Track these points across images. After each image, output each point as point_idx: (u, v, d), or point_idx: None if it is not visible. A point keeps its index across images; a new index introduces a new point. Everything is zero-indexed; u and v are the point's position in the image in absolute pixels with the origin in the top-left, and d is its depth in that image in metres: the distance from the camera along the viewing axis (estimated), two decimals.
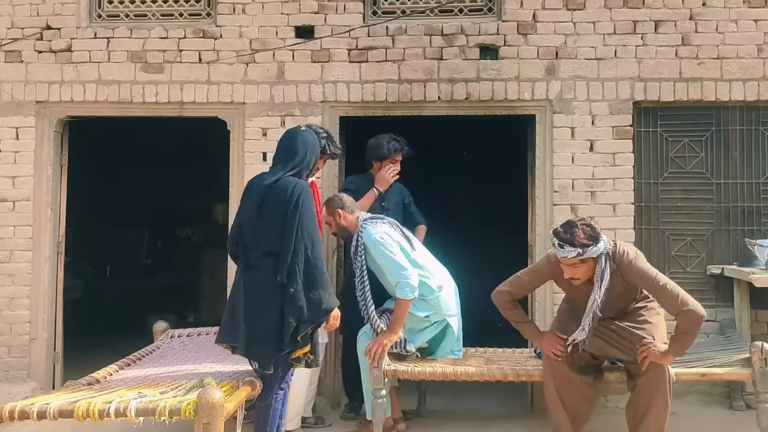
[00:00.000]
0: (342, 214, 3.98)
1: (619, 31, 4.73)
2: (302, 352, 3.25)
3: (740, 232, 4.71)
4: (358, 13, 4.86)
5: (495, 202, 7.01)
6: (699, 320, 3.32)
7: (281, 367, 3.25)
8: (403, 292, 3.77)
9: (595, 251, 3.32)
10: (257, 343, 3.19)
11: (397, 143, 4.46)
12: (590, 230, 3.34)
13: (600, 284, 3.37)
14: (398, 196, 4.64)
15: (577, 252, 3.30)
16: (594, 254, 3.33)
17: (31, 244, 4.86)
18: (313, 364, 3.37)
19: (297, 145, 3.39)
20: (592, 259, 3.37)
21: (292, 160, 3.35)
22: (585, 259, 3.34)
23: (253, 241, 3.27)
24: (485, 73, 4.75)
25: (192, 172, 7.76)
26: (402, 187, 4.70)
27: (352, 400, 4.45)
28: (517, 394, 4.60)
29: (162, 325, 4.49)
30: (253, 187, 3.35)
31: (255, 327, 3.19)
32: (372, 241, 3.84)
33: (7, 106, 4.91)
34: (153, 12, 5.03)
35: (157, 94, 4.87)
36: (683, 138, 4.77)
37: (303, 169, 3.37)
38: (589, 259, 3.35)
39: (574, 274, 3.42)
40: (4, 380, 4.78)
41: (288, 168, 3.32)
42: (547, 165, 4.72)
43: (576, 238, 3.31)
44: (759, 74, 4.68)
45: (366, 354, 3.79)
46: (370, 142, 4.53)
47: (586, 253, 3.31)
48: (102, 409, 2.81)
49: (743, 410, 4.37)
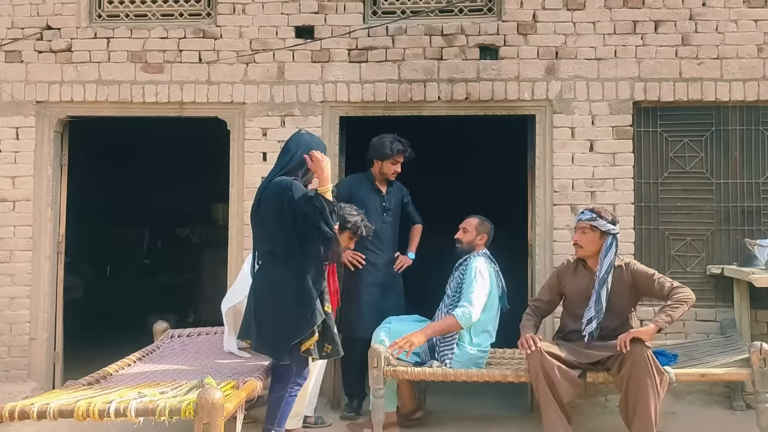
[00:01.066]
0: (483, 240, 4.21)
1: (619, 31, 4.73)
2: (311, 342, 3.33)
3: (740, 232, 4.72)
4: (358, 13, 4.86)
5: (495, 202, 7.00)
6: (690, 296, 3.64)
7: (296, 360, 3.35)
8: (462, 315, 3.88)
9: (604, 224, 3.78)
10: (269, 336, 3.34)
11: (400, 144, 4.47)
12: (609, 215, 3.85)
13: (605, 256, 3.75)
14: (398, 195, 4.66)
15: (590, 216, 3.81)
16: (602, 227, 3.78)
17: (31, 244, 4.87)
18: (334, 353, 3.50)
19: (289, 146, 3.53)
20: (599, 234, 3.79)
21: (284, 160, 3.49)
22: (594, 227, 3.79)
23: (256, 240, 3.51)
24: (485, 73, 4.75)
25: (192, 172, 7.76)
26: (401, 185, 4.71)
27: (351, 400, 4.45)
28: (517, 394, 4.60)
29: (162, 325, 4.49)
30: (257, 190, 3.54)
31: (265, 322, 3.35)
32: (474, 266, 4.02)
33: (7, 106, 4.91)
34: (153, 12, 5.03)
35: (157, 94, 4.87)
36: (683, 138, 4.77)
37: (295, 168, 3.44)
38: (597, 230, 3.79)
39: (580, 240, 3.85)
40: (4, 380, 4.78)
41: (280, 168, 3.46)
42: (547, 165, 4.73)
43: (595, 209, 3.86)
44: (759, 74, 4.68)
45: (391, 346, 3.88)
46: (374, 141, 4.53)
47: (597, 221, 3.78)
48: (102, 409, 2.81)
49: (743, 410, 4.37)
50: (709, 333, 4.58)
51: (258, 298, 3.40)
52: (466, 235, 4.19)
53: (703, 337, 4.56)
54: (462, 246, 4.19)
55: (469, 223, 4.21)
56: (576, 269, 3.94)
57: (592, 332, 3.72)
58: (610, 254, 3.75)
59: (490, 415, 4.44)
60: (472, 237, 4.17)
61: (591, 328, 3.72)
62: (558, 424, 3.62)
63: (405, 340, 3.85)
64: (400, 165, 4.52)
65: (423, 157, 4.73)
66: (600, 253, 3.79)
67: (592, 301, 3.74)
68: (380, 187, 4.56)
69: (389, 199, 4.56)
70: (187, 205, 8.30)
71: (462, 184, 7.52)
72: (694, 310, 4.63)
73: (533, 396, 4.44)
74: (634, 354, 3.53)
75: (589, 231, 3.81)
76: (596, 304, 3.72)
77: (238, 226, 4.83)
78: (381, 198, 4.53)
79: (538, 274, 4.64)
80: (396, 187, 4.65)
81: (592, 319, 3.72)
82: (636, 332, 3.59)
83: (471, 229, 4.19)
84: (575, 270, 3.94)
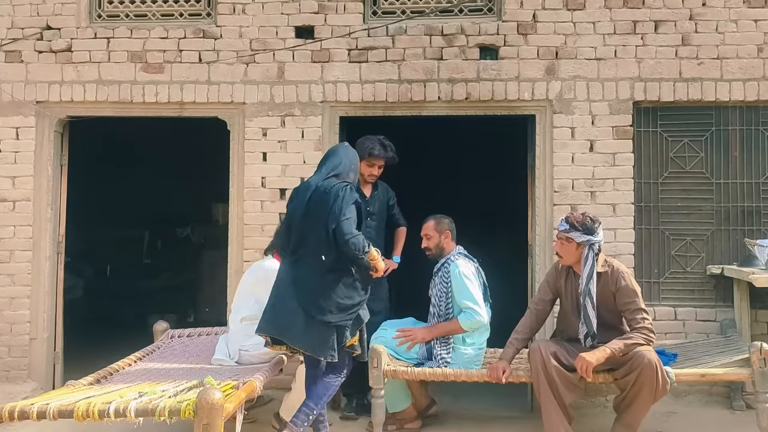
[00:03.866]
0: (448, 236, 4.16)
1: (619, 31, 4.73)
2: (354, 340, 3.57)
3: (740, 232, 4.71)
4: (358, 13, 4.86)
5: (495, 202, 7.00)
6: (650, 343, 3.62)
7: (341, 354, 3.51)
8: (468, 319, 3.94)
9: (578, 236, 3.69)
10: (317, 334, 3.42)
11: (377, 148, 4.35)
12: (588, 221, 3.71)
13: (583, 267, 3.69)
14: (384, 198, 4.59)
15: (564, 227, 3.75)
16: (577, 239, 3.69)
17: (31, 244, 4.87)
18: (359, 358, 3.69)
19: (338, 151, 3.73)
20: (575, 246, 3.71)
21: (333, 165, 3.64)
22: (569, 238, 3.71)
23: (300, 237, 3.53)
24: (485, 73, 4.75)
25: (192, 172, 7.75)
26: (387, 188, 4.66)
27: (350, 400, 4.45)
28: (517, 394, 4.60)
29: (162, 325, 4.49)
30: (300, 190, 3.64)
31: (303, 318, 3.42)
32: (458, 272, 4.01)
33: (7, 106, 4.91)
34: (153, 12, 5.03)
35: (157, 94, 4.87)
36: (683, 138, 4.77)
37: (343, 173, 3.61)
38: (572, 241, 3.71)
39: (559, 250, 3.82)
40: (4, 380, 4.78)
41: (329, 172, 3.60)
42: (547, 165, 4.73)
43: (570, 219, 3.76)
44: (759, 74, 4.68)
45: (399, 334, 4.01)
46: (359, 140, 4.48)
47: (571, 233, 3.70)
48: (102, 409, 2.81)
49: (743, 410, 4.37)
50: (709, 333, 4.58)
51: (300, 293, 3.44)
52: (430, 240, 4.18)
53: (703, 337, 4.56)
54: (432, 252, 4.19)
55: (427, 227, 4.19)
56: (568, 274, 3.89)
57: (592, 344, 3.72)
58: (587, 266, 3.68)
59: (490, 415, 4.44)
60: (437, 240, 4.16)
61: (590, 343, 3.72)
62: (559, 424, 3.61)
63: (411, 332, 3.96)
64: (377, 168, 4.43)
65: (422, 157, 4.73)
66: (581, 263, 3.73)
67: (582, 317, 3.71)
68: (363, 191, 4.45)
69: (373, 203, 4.49)
70: (187, 205, 8.30)
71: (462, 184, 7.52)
72: (695, 310, 4.66)
73: (533, 396, 4.44)
74: (643, 363, 3.52)
75: (565, 242, 3.75)
76: (586, 320, 3.69)
77: (238, 226, 4.83)
78: (365, 202, 4.43)
79: (538, 274, 4.64)
80: (381, 190, 4.59)
81: (588, 335, 3.71)
82: (588, 357, 3.51)
83: (432, 233, 4.17)
84: (567, 275, 3.89)
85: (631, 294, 3.66)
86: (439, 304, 4.07)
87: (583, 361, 3.51)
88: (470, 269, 4.06)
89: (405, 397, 4.14)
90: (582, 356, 3.53)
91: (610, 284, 3.69)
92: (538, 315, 3.95)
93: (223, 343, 4.02)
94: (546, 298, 3.98)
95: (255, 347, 3.85)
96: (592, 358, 3.51)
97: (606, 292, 3.69)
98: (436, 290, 4.11)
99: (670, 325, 4.61)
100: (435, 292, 4.12)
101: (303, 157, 4.78)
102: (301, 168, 4.74)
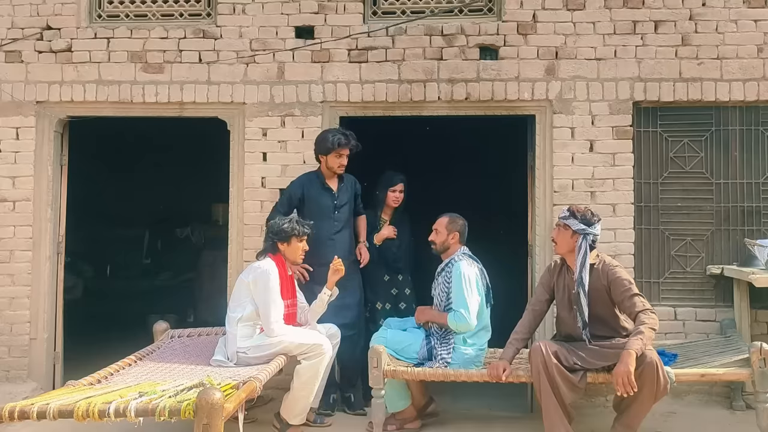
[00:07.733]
0: (456, 238, 4.17)
1: (619, 31, 4.73)
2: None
3: (740, 232, 4.72)
4: (358, 13, 4.86)
5: (494, 202, 7.00)
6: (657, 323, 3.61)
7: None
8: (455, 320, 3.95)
9: (575, 224, 3.76)
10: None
11: (343, 137, 4.37)
12: (588, 214, 3.79)
13: (577, 256, 3.73)
14: (350, 191, 4.56)
15: (565, 214, 3.84)
16: (573, 226, 3.77)
17: (31, 244, 4.87)
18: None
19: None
20: (570, 234, 3.78)
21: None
22: (566, 225, 3.79)
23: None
24: (485, 74, 4.75)
25: (192, 172, 7.76)
26: (354, 180, 4.63)
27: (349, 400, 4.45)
28: (517, 394, 4.60)
29: (162, 325, 4.49)
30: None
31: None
32: (459, 273, 4.01)
33: (7, 106, 4.91)
34: (153, 12, 5.03)
35: (157, 95, 4.87)
36: (683, 138, 4.77)
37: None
38: (569, 229, 3.78)
39: (555, 236, 3.90)
40: (4, 380, 4.78)
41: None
42: (547, 165, 4.73)
43: (572, 208, 3.86)
44: (759, 74, 4.68)
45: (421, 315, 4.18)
46: (317, 137, 4.48)
47: (569, 220, 3.79)
48: (102, 409, 2.82)
49: (743, 410, 4.37)
50: (709, 333, 4.58)
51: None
52: (438, 236, 4.18)
53: (703, 337, 4.56)
54: (436, 247, 4.19)
55: (440, 223, 4.20)
56: (561, 271, 3.92)
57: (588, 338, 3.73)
58: (580, 255, 3.71)
59: (490, 415, 4.44)
60: (444, 237, 4.16)
61: (587, 335, 3.72)
62: (559, 423, 3.61)
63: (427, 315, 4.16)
64: (345, 158, 4.42)
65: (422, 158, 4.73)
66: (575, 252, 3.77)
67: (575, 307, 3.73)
68: (330, 185, 4.46)
69: (340, 197, 4.47)
70: (187, 205, 8.30)
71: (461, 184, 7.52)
72: (694, 310, 4.66)
73: (533, 396, 4.44)
74: (644, 363, 3.52)
75: (562, 229, 3.82)
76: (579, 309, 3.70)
77: (238, 226, 4.83)
78: (332, 196, 4.43)
79: (538, 274, 4.62)
80: (348, 183, 4.55)
81: (584, 326, 3.72)
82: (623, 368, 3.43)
83: (441, 229, 4.17)
84: (560, 272, 3.93)
85: (625, 283, 3.68)
86: (440, 303, 4.09)
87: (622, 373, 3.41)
88: (473, 271, 4.06)
89: (405, 396, 4.15)
90: (617, 372, 3.44)
91: (602, 278, 3.71)
92: (536, 315, 3.97)
93: (222, 345, 4.02)
94: (542, 298, 4.00)
95: (253, 349, 3.84)
96: (627, 366, 3.42)
97: (598, 286, 3.71)
98: (438, 290, 4.13)
99: (670, 325, 4.61)
100: (437, 292, 4.14)
101: (303, 157, 4.78)
102: (301, 168, 4.73)
